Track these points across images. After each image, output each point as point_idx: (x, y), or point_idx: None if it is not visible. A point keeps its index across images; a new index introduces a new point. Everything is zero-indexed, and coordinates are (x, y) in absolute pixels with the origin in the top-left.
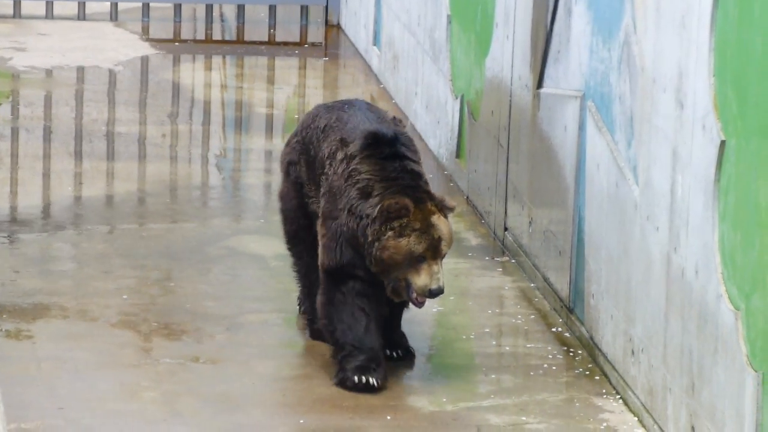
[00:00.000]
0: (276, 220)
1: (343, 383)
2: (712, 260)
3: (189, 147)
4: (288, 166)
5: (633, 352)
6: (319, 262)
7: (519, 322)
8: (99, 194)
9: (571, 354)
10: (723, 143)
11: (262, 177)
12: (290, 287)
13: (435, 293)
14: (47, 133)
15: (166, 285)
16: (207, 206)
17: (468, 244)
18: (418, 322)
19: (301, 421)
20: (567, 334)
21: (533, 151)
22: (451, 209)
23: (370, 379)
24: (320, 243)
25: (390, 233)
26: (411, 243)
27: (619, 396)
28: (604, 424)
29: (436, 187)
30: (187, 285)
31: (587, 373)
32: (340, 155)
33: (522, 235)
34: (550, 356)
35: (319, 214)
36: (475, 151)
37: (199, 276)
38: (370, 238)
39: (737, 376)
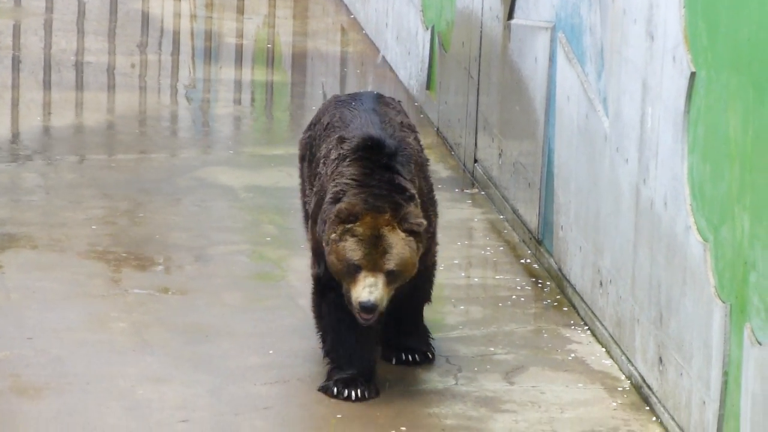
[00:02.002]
0: (246, 151)
1: (325, 391)
2: (681, 192)
3: (158, 77)
4: (299, 162)
5: (601, 284)
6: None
7: (488, 253)
8: (68, 124)
9: (539, 285)
10: (693, 75)
11: (232, 108)
12: (259, 219)
13: (365, 306)
14: (16, 63)
15: (136, 216)
16: (176, 137)
17: (438, 176)
18: None
19: (271, 352)
20: (535, 266)
21: (503, 83)
22: (412, 227)
23: (354, 392)
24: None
25: (333, 236)
26: (348, 248)
27: (587, 327)
28: (572, 355)
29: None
30: (157, 216)
31: (555, 304)
32: (333, 154)
33: (492, 167)
34: (519, 288)
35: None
36: (445, 82)
37: (169, 207)
38: (324, 242)
39: (705, 308)
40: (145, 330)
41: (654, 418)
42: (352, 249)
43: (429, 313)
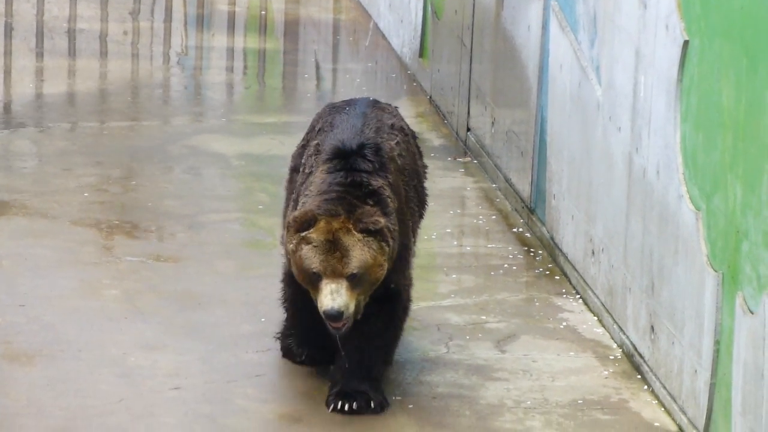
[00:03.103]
0: (238, 119)
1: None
2: (674, 161)
3: (150, 45)
4: (290, 173)
5: (593, 253)
6: None
7: (480, 222)
8: (60, 91)
9: (531, 254)
10: (686, 43)
11: (224, 75)
12: (252, 186)
13: (329, 315)
14: (8, 30)
15: (128, 183)
16: (169, 104)
17: (430, 145)
18: None
19: (263, 320)
20: (528, 235)
21: (496, 51)
22: (367, 226)
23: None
24: None
25: (291, 247)
26: (305, 257)
27: (578, 296)
28: (564, 324)
29: (398, 86)
30: (149, 183)
31: (547, 273)
32: (308, 166)
33: (484, 136)
34: (511, 256)
35: None
36: (438, 50)
37: (161, 175)
38: (283, 251)
39: (697, 277)
40: (137, 297)
41: (645, 387)
42: (308, 257)
43: (420, 281)
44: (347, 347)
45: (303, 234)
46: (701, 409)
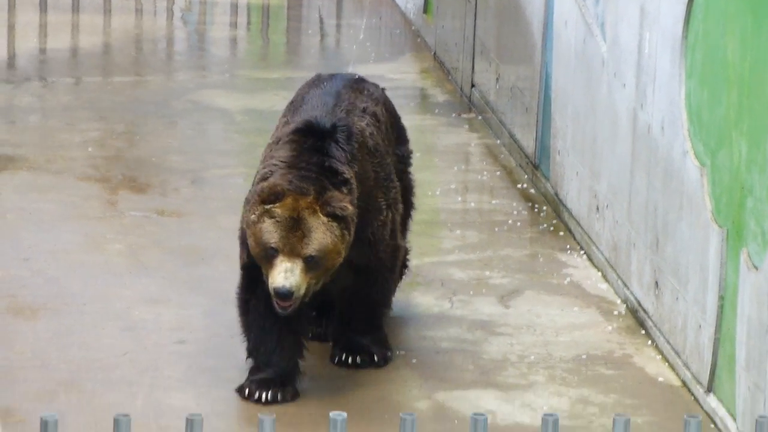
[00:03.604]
0: (242, 75)
1: (240, 391)
2: (679, 117)
3: (154, 0)
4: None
5: (598, 208)
6: None
7: (484, 178)
8: (64, 46)
9: (535, 210)
10: None
11: (228, 31)
12: (255, 142)
13: (280, 293)
14: None
15: (132, 138)
16: (172, 60)
17: (435, 101)
18: None
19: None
20: (532, 191)
21: (501, 7)
22: (335, 210)
23: (265, 395)
24: None
25: (252, 217)
26: (265, 230)
27: (583, 251)
28: (568, 279)
29: (402, 42)
30: (153, 138)
31: (551, 228)
32: (273, 138)
33: (489, 92)
34: (515, 212)
35: None
36: (442, 6)
37: (165, 130)
38: (244, 223)
39: (702, 232)
40: (141, 252)
41: (649, 342)
42: (269, 231)
43: (425, 237)
44: (343, 304)
45: (268, 207)
46: (705, 364)
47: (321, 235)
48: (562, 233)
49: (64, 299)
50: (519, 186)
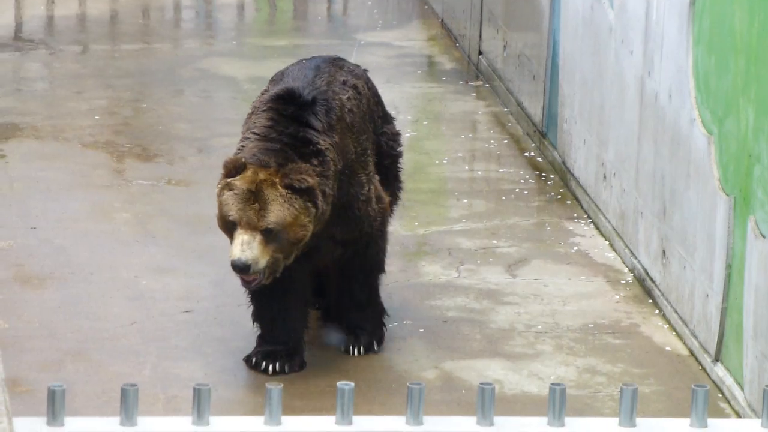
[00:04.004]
0: (249, 42)
1: (248, 362)
2: (686, 84)
3: None
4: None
5: (605, 177)
6: None
7: (492, 146)
8: (71, 14)
9: (543, 179)
10: None
11: None
12: None
13: (237, 266)
14: None
15: (139, 106)
16: (179, 27)
17: (442, 68)
18: None
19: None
20: (539, 159)
21: None
22: (293, 182)
23: (273, 366)
24: None
25: (216, 190)
26: (224, 203)
27: (590, 220)
28: (575, 248)
29: (410, 9)
30: (160, 107)
31: (559, 197)
32: (255, 104)
33: (496, 60)
34: (522, 181)
35: None
36: None
37: (172, 98)
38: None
39: (709, 201)
40: (148, 221)
41: (656, 311)
42: (227, 204)
43: (432, 206)
44: (337, 277)
45: (229, 180)
46: (712, 333)
47: (278, 207)
48: (569, 202)
49: (72, 268)
50: (526, 154)
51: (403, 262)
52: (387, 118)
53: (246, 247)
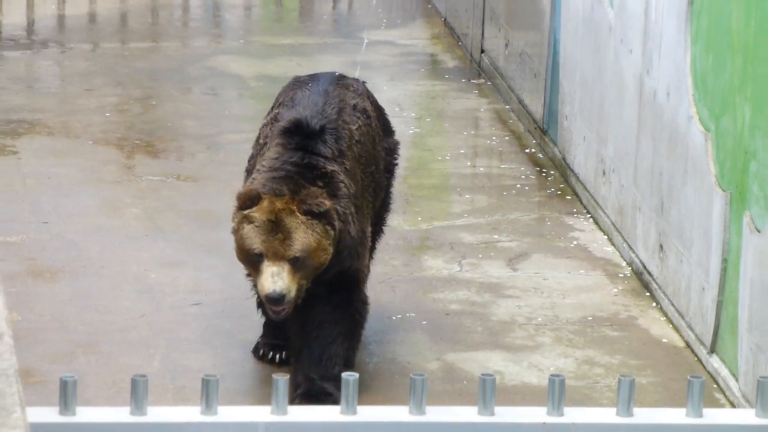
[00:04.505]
0: (256, 41)
1: (256, 352)
2: (684, 82)
3: None
4: (253, 149)
5: (604, 173)
6: None
7: (493, 143)
8: (82, 13)
9: (543, 174)
10: None
11: None
12: (268, 107)
13: (272, 298)
14: None
15: (148, 103)
16: (188, 26)
17: (445, 66)
18: None
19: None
20: (540, 155)
21: None
22: (311, 208)
23: (279, 356)
24: None
25: (233, 225)
26: (245, 236)
27: (589, 215)
28: (575, 242)
29: (413, 8)
30: (169, 104)
31: (559, 193)
32: (262, 137)
33: (498, 58)
34: (523, 177)
35: None
36: None
37: (180, 95)
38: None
39: (706, 196)
40: (157, 216)
41: (654, 304)
42: (249, 237)
43: (434, 201)
44: (305, 338)
45: (246, 212)
46: (708, 325)
47: (302, 234)
48: (569, 197)
49: (83, 262)
50: (527, 151)
51: (407, 256)
52: (388, 131)
53: (277, 278)
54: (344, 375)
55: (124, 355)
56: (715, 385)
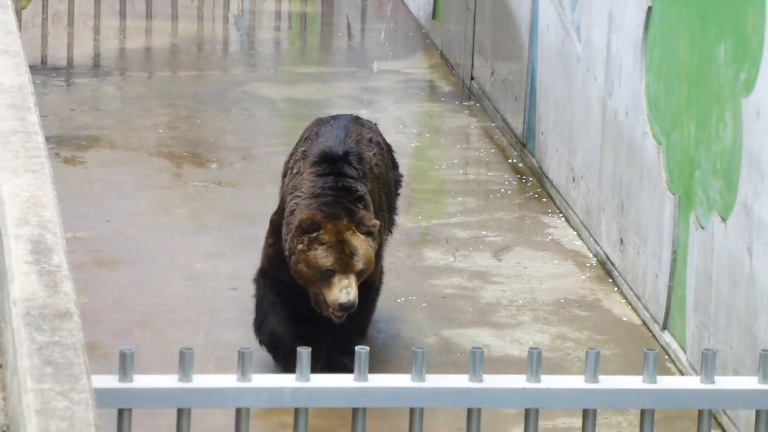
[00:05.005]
0: (284, 69)
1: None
2: (640, 104)
3: (213, 8)
4: (281, 179)
5: (574, 179)
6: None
7: (481, 154)
8: (139, 47)
9: (523, 181)
10: (650, 8)
11: (273, 34)
12: (295, 125)
13: (345, 307)
14: None
15: (194, 122)
16: (227, 58)
17: (441, 91)
18: (401, 154)
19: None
20: (520, 165)
21: (495, 14)
22: (369, 228)
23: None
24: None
25: (300, 246)
26: (319, 256)
27: (562, 215)
28: (549, 237)
29: (415, 43)
30: (211, 122)
31: (536, 196)
32: (296, 168)
33: (485, 84)
34: (507, 182)
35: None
36: (447, 13)
37: (221, 115)
38: (287, 252)
39: (658, 199)
40: (201, 215)
41: (616, 289)
42: (323, 256)
43: (432, 203)
44: (325, 328)
45: (314, 235)
46: (661, 306)
47: (365, 250)
48: (544, 200)
49: (139, 254)
50: (510, 161)
51: (409, 249)
52: (395, 165)
53: (349, 289)
54: (357, 348)
55: (174, 331)
56: (667, 357)
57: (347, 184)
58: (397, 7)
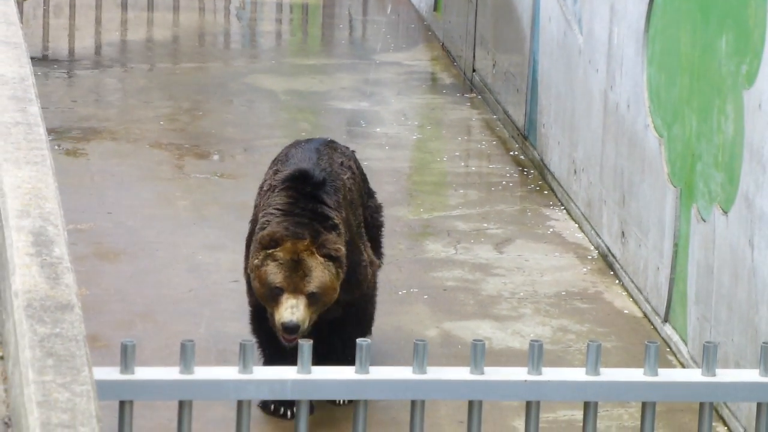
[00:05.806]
0: (285, 62)
1: (263, 408)
2: (641, 96)
3: (214, 0)
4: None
5: (575, 172)
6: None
7: (483, 147)
8: (141, 38)
9: (524, 173)
10: (651, 0)
11: (274, 25)
12: (296, 117)
13: (287, 327)
14: None
15: (195, 114)
16: (229, 49)
17: (443, 83)
18: (403, 146)
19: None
20: (522, 157)
21: (497, 6)
22: (330, 251)
23: (289, 411)
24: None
25: (256, 262)
26: (269, 272)
27: (563, 207)
28: (551, 230)
29: (416, 35)
30: (213, 114)
31: (537, 188)
32: (266, 185)
33: (487, 76)
34: (508, 175)
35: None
36: (449, 5)
37: (222, 107)
38: (248, 269)
39: (660, 191)
40: (203, 207)
41: (617, 281)
42: (273, 273)
43: (433, 195)
44: (325, 341)
45: (270, 251)
46: (662, 299)
47: (319, 273)
48: (546, 192)
49: (141, 245)
50: (511, 153)
51: (411, 241)
52: (370, 193)
53: (295, 309)
54: (359, 341)
55: (175, 323)
56: (668, 349)
57: (325, 211)
58: (399, 0)
